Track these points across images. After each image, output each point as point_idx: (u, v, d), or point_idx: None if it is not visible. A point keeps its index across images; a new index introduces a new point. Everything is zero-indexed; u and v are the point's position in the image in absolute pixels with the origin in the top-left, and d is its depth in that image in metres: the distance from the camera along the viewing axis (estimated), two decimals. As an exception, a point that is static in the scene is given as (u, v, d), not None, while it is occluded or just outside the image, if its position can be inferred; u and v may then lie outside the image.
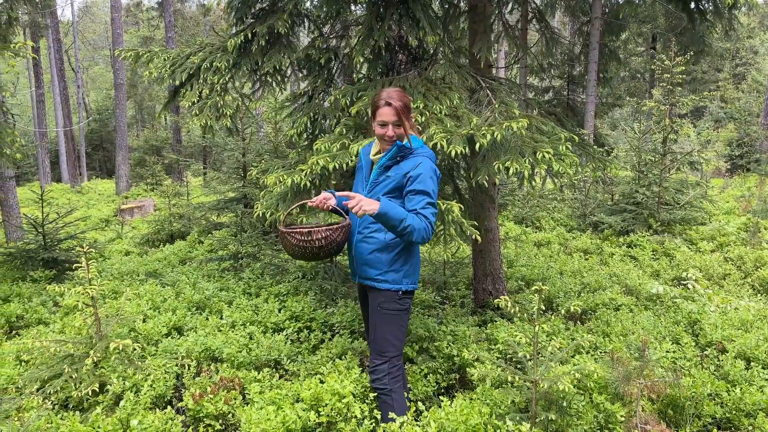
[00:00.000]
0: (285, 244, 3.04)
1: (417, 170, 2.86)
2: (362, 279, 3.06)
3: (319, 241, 2.95)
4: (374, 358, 3.02)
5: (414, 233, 2.73)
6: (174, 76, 4.74)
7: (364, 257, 3.01)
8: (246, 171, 9.23)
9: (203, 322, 4.52)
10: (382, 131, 2.92)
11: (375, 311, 3.01)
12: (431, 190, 2.85)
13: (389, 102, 2.88)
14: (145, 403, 3.21)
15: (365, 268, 3.01)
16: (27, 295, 5.64)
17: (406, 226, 2.71)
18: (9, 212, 10.67)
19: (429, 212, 2.82)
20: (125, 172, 23.21)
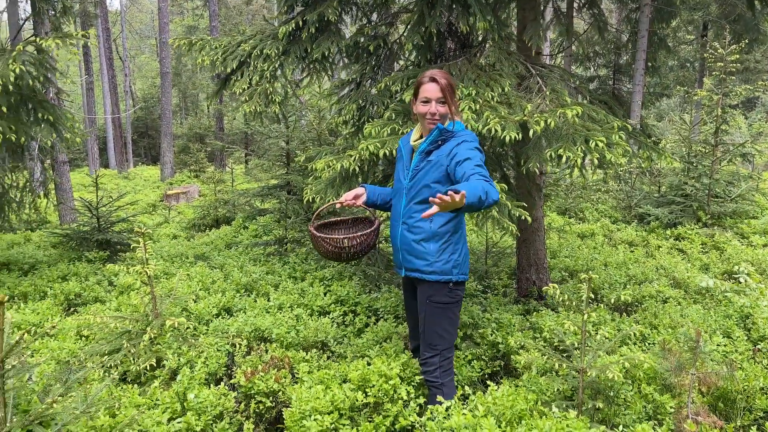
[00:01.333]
0: (317, 247, 3.09)
1: (460, 147, 2.76)
2: (409, 271, 2.99)
3: (355, 247, 3.01)
4: (425, 351, 3.01)
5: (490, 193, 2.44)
6: (225, 63, 4.85)
7: (410, 248, 2.95)
8: (289, 158, 9.37)
9: (252, 304, 4.65)
10: (425, 108, 2.83)
11: (424, 304, 2.95)
12: (477, 157, 2.70)
13: (434, 78, 2.80)
14: (199, 379, 3.33)
15: (412, 259, 2.95)
16: (84, 274, 5.89)
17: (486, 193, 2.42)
18: (63, 195, 11.09)
19: (484, 172, 2.60)
20: (170, 159, 23.73)
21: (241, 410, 3.26)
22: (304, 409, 2.99)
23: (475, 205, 2.38)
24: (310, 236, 3.11)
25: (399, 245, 3.02)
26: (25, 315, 4.47)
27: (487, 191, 2.44)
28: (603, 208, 9.67)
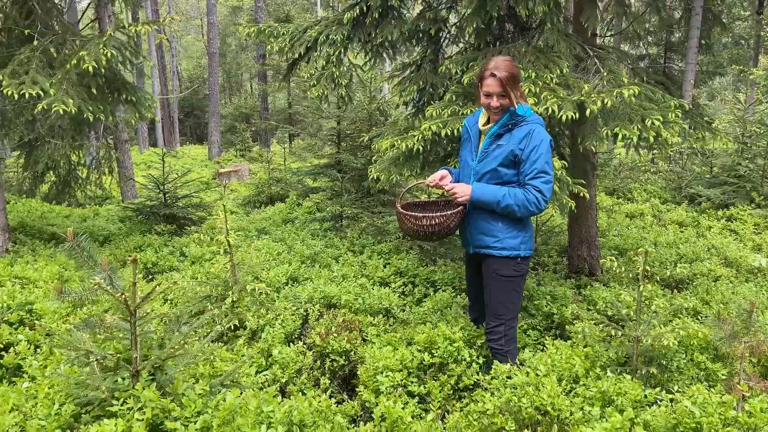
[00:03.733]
0: (400, 224, 3.32)
1: (529, 140, 2.97)
2: (477, 248, 3.19)
3: (432, 227, 3.21)
4: (490, 320, 3.25)
5: (515, 211, 2.97)
6: (293, 49, 5.12)
7: (478, 226, 3.16)
8: (341, 138, 9.65)
9: (317, 273, 4.97)
10: (487, 101, 3.03)
11: (491, 277, 3.16)
12: (544, 159, 2.95)
13: (494, 73, 2.96)
14: (279, 338, 3.66)
15: (481, 236, 3.16)
16: (156, 245, 6.32)
17: (504, 207, 2.97)
18: (124, 173, 11.67)
19: (539, 181, 2.94)
20: (217, 138, 24.31)
21: (316, 367, 3.58)
22: (377, 366, 3.29)
23: (487, 208, 3.06)
24: (396, 215, 3.34)
25: (467, 224, 3.24)
26: (113, 280, 4.89)
27: (510, 210, 3.00)
28: (652, 188, 9.67)
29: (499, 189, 3.03)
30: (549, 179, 2.99)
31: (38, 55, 4.81)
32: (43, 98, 4.60)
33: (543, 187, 2.96)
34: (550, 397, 2.78)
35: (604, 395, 2.91)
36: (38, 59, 4.79)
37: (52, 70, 4.91)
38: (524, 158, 2.99)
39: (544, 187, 2.97)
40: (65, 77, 4.77)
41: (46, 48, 4.90)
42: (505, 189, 3.02)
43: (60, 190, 10.62)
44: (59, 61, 4.94)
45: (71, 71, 4.79)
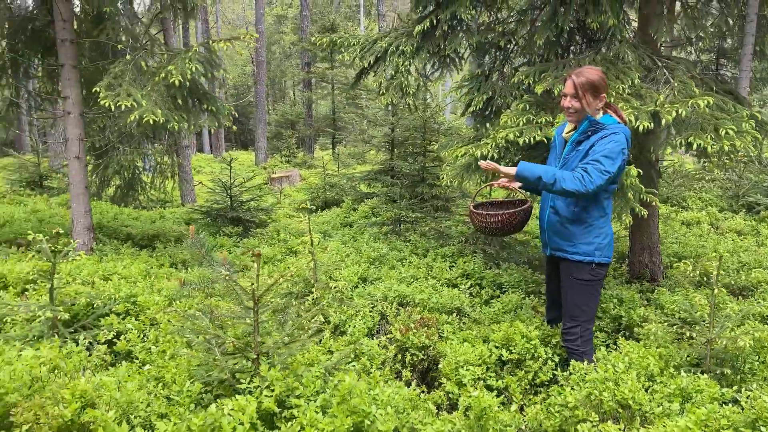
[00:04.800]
0: (471, 221, 3.61)
1: (602, 140, 3.07)
2: (554, 250, 3.38)
3: (496, 223, 3.47)
4: (566, 321, 3.42)
5: (563, 181, 2.97)
6: (363, 59, 5.38)
7: (555, 229, 3.33)
8: (394, 145, 9.91)
9: (387, 274, 5.21)
10: (562, 102, 3.22)
11: (567, 280, 3.32)
12: (606, 153, 3.01)
13: (572, 75, 3.15)
14: (362, 333, 3.90)
15: (557, 239, 3.33)
16: (228, 246, 6.67)
17: (551, 177, 2.99)
18: (184, 177, 12.18)
19: (591, 167, 2.99)
20: (263, 144, 24.89)
21: (398, 360, 3.80)
22: (458, 360, 3.50)
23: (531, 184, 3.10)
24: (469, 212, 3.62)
25: (546, 226, 3.43)
26: (195, 278, 5.23)
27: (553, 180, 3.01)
28: (707, 197, 9.61)
29: (544, 166, 3.13)
30: (602, 169, 3.00)
31: (131, 68, 5.19)
32: (135, 109, 4.97)
33: (590, 168, 3.00)
34: (631, 392, 2.93)
35: (683, 392, 3.05)
36: (131, 72, 5.17)
37: (142, 82, 5.28)
38: (590, 152, 3.09)
39: (591, 169, 3.00)
40: (154, 89, 5.15)
41: (137, 62, 5.28)
42: (552, 168, 3.12)
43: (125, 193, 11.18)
44: (148, 73, 5.33)
45: (159, 83, 5.16)
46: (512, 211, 3.39)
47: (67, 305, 3.82)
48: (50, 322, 3.67)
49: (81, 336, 3.67)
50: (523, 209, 3.41)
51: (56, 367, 2.68)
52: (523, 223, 3.49)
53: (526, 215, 3.47)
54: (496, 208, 3.76)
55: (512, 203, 3.77)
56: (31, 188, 12.11)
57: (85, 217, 6.26)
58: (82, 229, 6.22)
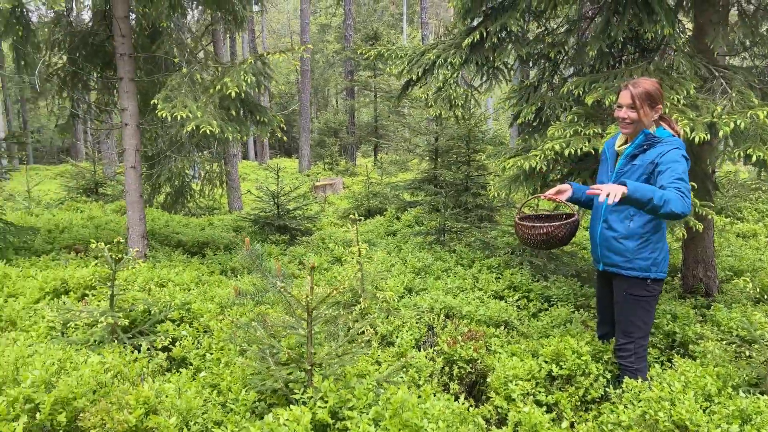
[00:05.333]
0: (517, 233, 3.57)
1: (664, 155, 2.97)
2: (607, 266, 3.29)
3: (541, 235, 3.41)
4: (620, 338, 3.34)
5: (670, 203, 2.73)
6: (411, 71, 5.42)
7: (609, 244, 3.24)
8: (438, 154, 9.92)
9: (433, 284, 5.21)
10: (617, 113, 3.14)
11: (621, 296, 3.23)
12: (680, 169, 2.91)
13: (629, 85, 3.08)
14: (409, 344, 3.92)
15: (610, 255, 3.24)
16: (276, 254, 6.79)
17: (660, 199, 2.73)
18: (232, 184, 12.46)
19: (681, 185, 2.84)
20: (307, 152, 25.24)
21: (445, 372, 3.80)
22: (507, 374, 3.47)
23: (641, 204, 2.76)
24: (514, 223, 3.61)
25: (598, 241, 3.35)
26: (246, 285, 5.35)
27: (666, 200, 2.73)
28: (764, 207, 9.26)
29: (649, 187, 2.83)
30: (688, 188, 2.88)
31: (187, 81, 5.37)
32: (191, 120, 5.13)
33: (683, 188, 2.84)
34: (689, 413, 2.86)
35: (742, 413, 2.96)
36: (187, 85, 5.35)
37: (196, 94, 5.45)
38: (662, 170, 2.95)
39: (684, 188, 2.84)
40: (209, 101, 5.31)
41: (192, 74, 5.46)
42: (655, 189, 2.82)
43: (174, 200, 11.52)
44: (203, 86, 5.50)
45: (214, 95, 5.32)
46: (558, 223, 3.35)
47: (126, 311, 3.97)
48: (110, 328, 3.82)
49: (139, 341, 3.80)
50: (570, 222, 3.36)
51: (119, 373, 2.79)
52: (569, 237, 3.44)
53: (572, 228, 3.42)
54: (542, 221, 3.72)
55: (559, 216, 3.72)
56: (87, 195, 12.61)
57: (139, 225, 6.48)
58: (136, 236, 6.44)
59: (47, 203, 11.58)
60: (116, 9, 6.09)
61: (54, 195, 13.65)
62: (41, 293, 4.80)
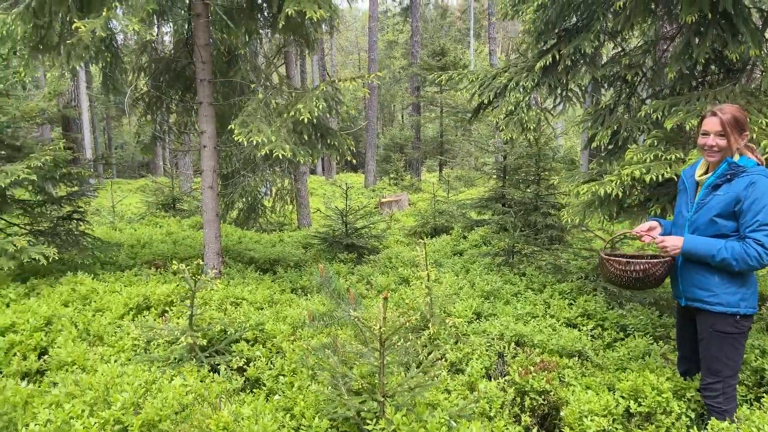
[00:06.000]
0: (603, 270, 3.38)
1: (752, 190, 2.84)
2: (690, 301, 3.12)
3: (636, 273, 3.21)
4: (706, 377, 3.15)
5: (733, 266, 2.83)
6: (482, 95, 5.41)
7: (692, 279, 3.09)
8: (506, 173, 9.80)
9: (502, 310, 5.14)
10: (703, 141, 2.99)
11: (707, 332, 3.06)
12: (764, 210, 2.81)
13: (716, 112, 2.94)
14: (479, 373, 3.87)
15: (694, 290, 3.08)
16: (344, 273, 6.89)
17: (720, 261, 2.84)
18: (301, 201, 12.75)
19: (761, 234, 2.78)
20: (373, 167, 25.51)
21: (517, 404, 3.73)
22: (582, 408, 3.37)
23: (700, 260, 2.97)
24: (599, 261, 3.44)
25: (680, 276, 3.19)
26: (316, 305, 5.45)
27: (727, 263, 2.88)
28: None
29: (715, 242, 2.93)
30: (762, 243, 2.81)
31: (262, 106, 5.57)
32: (266, 144, 5.30)
33: (766, 240, 2.81)
34: (782, 461, 2.68)
35: None
36: (262, 110, 5.54)
37: (271, 119, 5.64)
38: (745, 209, 2.87)
39: (766, 240, 2.81)
40: (282, 125, 5.48)
41: (267, 100, 5.66)
42: (722, 242, 2.92)
43: (246, 216, 11.91)
44: (277, 111, 5.68)
45: (288, 120, 5.48)
46: (656, 260, 3.16)
47: (204, 331, 4.13)
48: (189, 347, 3.98)
49: (216, 360, 3.94)
50: (667, 260, 3.17)
51: (200, 395, 2.90)
52: (665, 276, 3.25)
53: (669, 267, 3.22)
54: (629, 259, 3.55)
55: (644, 257, 3.54)
56: (165, 210, 13.23)
57: (215, 242, 6.74)
58: (212, 253, 6.70)
59: (129, 218, 12.24)
60: (198, 37, 6.40)
61: (135, 209, 14.42)
62: (125, 309, 5.06)
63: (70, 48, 5.08)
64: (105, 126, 35.73)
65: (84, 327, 4.62)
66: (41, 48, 6.04)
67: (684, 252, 3.01)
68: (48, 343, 4.38)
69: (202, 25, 6.30)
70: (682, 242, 3.02)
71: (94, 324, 4.61)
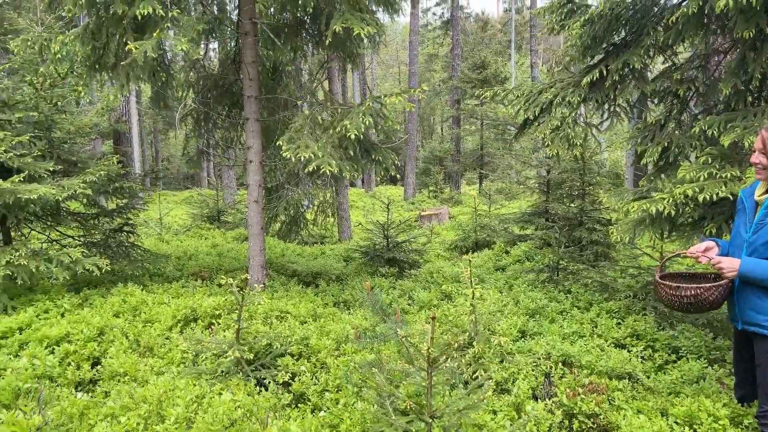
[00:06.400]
0: (656, 292, 3.31)
1: None
2: (747, 325, 3.03)
3: (687, 297, 3.12)
4: (764, 403, 3.01)
5: None
6: (527, 111, 5.36)
7: (749, 302, 2.99)
8: (549, 187, 9.67)
9: (548, 328, 5.05)
10: (753, 158, 2.94)
11: (764, 357, 2.96)
12: None
13: (763, 129, 2.90)
14: (526, 393, 3.81)
15: (751, 313, 2.99)
16: (386, 287, 6.90)
17: None
18: (342, 214, 12.85)
19: None
20: (412, 180, 25.53)
21: (564, 426, 3.65)
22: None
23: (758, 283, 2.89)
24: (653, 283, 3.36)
25: (736, 299, 3.09)
26: (358, 320, 5.46)
27: None
28: None
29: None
30: None
31: (308, 123, 5.65)
32: (313, 160, 5.38)
33: None
34: None
35: None
36: (308, 126, 5.63)
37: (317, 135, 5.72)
38: None
39: None
40: (329, 141, 5.55)
41: (314, 116, 5.74)
42: None
43: (289, 228, 12.06)
44: (323, 126, 5.76)
45: (334, 136, 5.55)
46: (709, 285, 3.06)
47: (250, 344, 4.19)
48: (236, 360, 4.04)
49: (262, 374, 3.99)
50: (723, 284, 3.06)
51: (249, 411, 2.94)
52: (722, 301, 3.14)
53: (725, 291, 3.11)
54: (686, 281, 3.45)
55: (703, 277, 3.44)
56: (210, 222, 13.52)
57: (260, 256, 6.84)
58: (257, 266, 6.81)
59: (176, 230, 12.55)
60: (245, 55, 6.55)
61: (180, 221, 14.78)
62: (174, 320, 5.18)
63: (127, 68, 5.27)
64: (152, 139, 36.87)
65: (134, 338, 4.75)
66: (98, 67, 6.30)
67: (741, 274, 2.93)
68: (101, 353, 4.51)
69: (250, 43, 6.45)
70: (739, 264, 2.93)
71: (144, 335, 4.73)
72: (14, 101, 6.01)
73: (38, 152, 5.86)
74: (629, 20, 4.91)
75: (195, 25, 5.57)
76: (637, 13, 4.82)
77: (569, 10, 5.26)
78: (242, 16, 6.49)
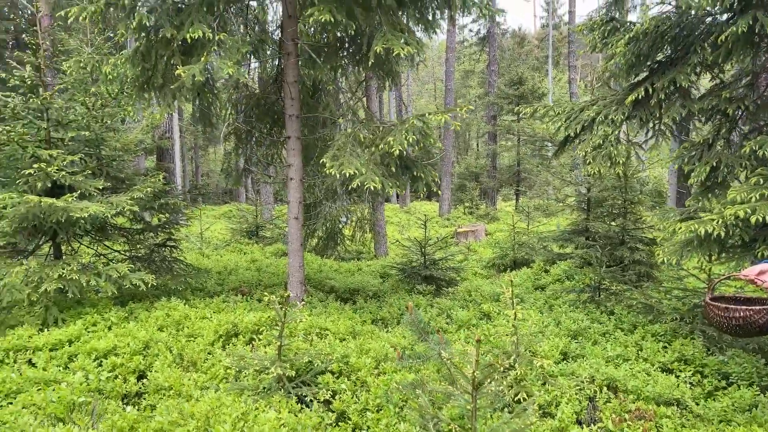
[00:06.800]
0: (705, 313, 3.24)
1: None
2: None
3: (736, 320, 3.04)
4: None
5: None
6: (569, 128, 5.31)
7: None
8: (590, 205, 9.52)
9: (591, 351, 4.94)
10: None
11: None
12: None
13: None
14: (570, 418, 3.73)
15: None
16: (423, 305, 6.87)
17: None
18: (378, 230, 12.89)
19: None
20: (447, 196, 25.45)
21: (610, 454, 3.56)
22: (684, 465, 3.18)
23: None
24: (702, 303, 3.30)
25: None
26: (397, 338, 5.45)
27: None
28: None
29: None
30: None
31: (351, 140, 5.72)
32: (357, 176, 5.43)
33: None
34: None
35: None
36: (351, 144, 5.69)
37: (358, 152, 5.77)
38: None
39: None
40: (371, 158, 5.59)
41: (356, 134, 5.81)
42: None
43: (326, 244, 12.14)
44: (365, 144, 5.81)
45: (376, 153, 5.60)
46: (759, 307, 2.98)
47: (291, 361, 4.22)
48: (277, 377, 4.08)
49: (303, 392, 4.02)
50: None
51: (293, 430, 2.96)
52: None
53: None
54: (737, 304, 3.37)
55: (756, 301, 3.35)
56: (249, 237, 13.72)
57: (299, 272, 6.92)
58: (296, 282, 6.87)
59: (216, 244, 12.78)
60: (287, 74, 6.69)
61: (220, 235, 15.05)
62: (216, 335, 5.26)
63: (175, 90, 5.44)
64: (193, 155, 37.73)
65: (178, 352, 4.84)
66: (146, 88, 6.52)
67: None
68: (146, 367, 4.61)
69: (292, 63, 6.58)
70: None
71: (187, 349, 4.82)
72: (67, 120, 6.25)
73: (89, 171, 6.06)
74: (675, 38, 4.83)
75: (240, 47, 5.72)
76: (683, 30, 4.75)
77: (612, 27, 5.22)
78: (285, 37, 6.63)
